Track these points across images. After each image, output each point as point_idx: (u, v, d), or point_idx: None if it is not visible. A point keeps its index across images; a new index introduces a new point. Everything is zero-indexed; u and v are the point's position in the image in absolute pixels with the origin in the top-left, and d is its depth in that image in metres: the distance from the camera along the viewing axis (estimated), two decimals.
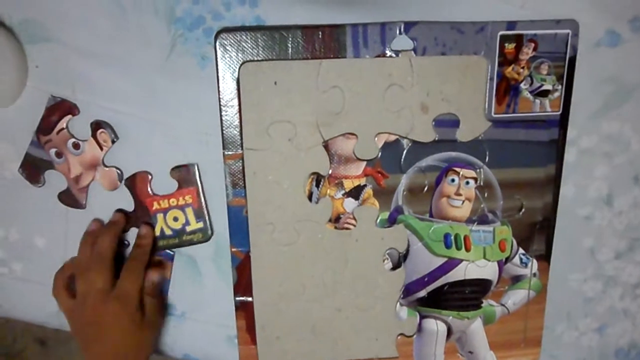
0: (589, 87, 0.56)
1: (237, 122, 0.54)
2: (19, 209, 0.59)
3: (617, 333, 0.66)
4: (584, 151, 0.58)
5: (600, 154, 0.59)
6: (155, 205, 0.58)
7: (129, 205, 0.58)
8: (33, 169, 0.57)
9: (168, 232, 0.58)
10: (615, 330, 0.66)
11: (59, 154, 0.57)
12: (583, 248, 0.62)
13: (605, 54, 0.55)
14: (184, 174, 0.57)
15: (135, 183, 0.57)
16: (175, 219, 0.58)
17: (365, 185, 0.57)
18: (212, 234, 0.59)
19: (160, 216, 0.58)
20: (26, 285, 0.62)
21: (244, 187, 0.56)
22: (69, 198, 0.58)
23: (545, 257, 0.61)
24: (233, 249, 0.58)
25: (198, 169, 0.57)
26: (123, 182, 0.57)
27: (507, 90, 0.55)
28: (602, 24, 0.54)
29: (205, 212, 0.58)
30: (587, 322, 0.65)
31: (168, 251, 0.60)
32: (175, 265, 0.61)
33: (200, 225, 0.58)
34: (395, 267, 0.59)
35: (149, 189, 0.57)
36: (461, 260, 0.59)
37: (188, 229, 0.58)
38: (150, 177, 0.57)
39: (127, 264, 0.57)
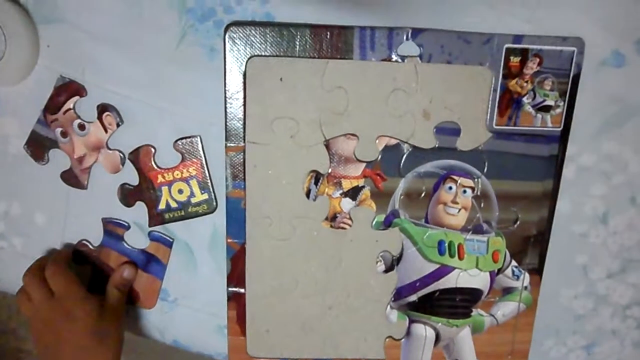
0: (592, 106, 0.57)
1: (241, 115, 0.55)
2: (21, 184, 0.60)
3: (605, 352, 0.66)
4: (582, 168, 0.59)
5: (598, 173, 0.59)
6: (160, 179, 0.58)
7: (133, 179, 0.59)
8: (38, 146, 0.58)
9: (174, 204, 0.59)
10: (603, 349, 0.66)
11: (64, 134, 0.57)
12: (576, 265, 0.62)
13: (609, 73, 0.56)
14: (187, 146, 0.57)
15: (139, 157, 0.58)
16: (180, 192, 0.59)
17: (363, 187, 0.58)
18: (216, 205, 0.59)
19: (165, 189, 0.59)
20: (25, 261, 0.62)
21: (244, 179, 0.57)
22: (71, 178, 0.59)
23: (537, 271, 0.61)
24: (229, 240, 0.59)
25: (201, 141, 0.57)
26: (127, 157, 0.58)
27: (509, 103, 0.55)
28: (608, 44, 0.55)
29: (210, 184, 0.58)
30: (576, 339, 0.65)
31: (167, 237, 0.61)
32: (172, 252, 0.61)
33: (205, 196, 0.59)
34: (388, 269, 0.60)
35: (152, 163, 0.58)
36: (454, 268, 0.60)
37: (193, 200, 0.59)
38: (153, 150, 0.58)
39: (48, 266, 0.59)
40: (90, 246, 0.61)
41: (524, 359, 0.64)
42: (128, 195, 0.59)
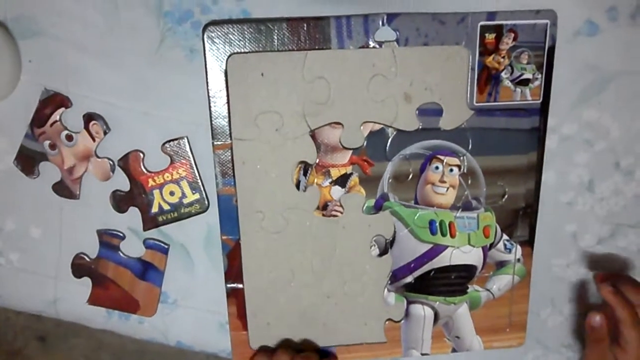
0: (569, 76, 0.58)
1: (225, 113, 0.56)
2: (14, 200, 0.61)
3: None
4: (564, 138, 0.60)
5: (580, 141, 0.60)
6: (151, 182, 0.59)
7: (124, 185, 0.59)
8: (27, 160, 0.59)
9: (166, 207, 0.60)
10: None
11: (52, 146, 0.58)
12: (566, 234, 0.64)
13: (583, 43, 0.57)
14: (175, 148, 0.58)
15: (128, 163, 0.59)
16: (172, 193, 0.59)
17: (351, 174, 0.58)
18: (208, 204, 0.60)
19: (156, 192, 0.59)
20: (23, 275, 0.63)
21: (233, 176, 0.57)
22: (63, 189, 0.60)
23: (528, 243, 0.62)
24: (223, 237, 0.59)
25: (188, 142, 0.58)
26: (117, 163, 0.59)
27: (488, 79, 0.56)
28: (580, 14, 0.56)
29: (200, 184, 0.59)
30: (572, 307, 0.67)
31: (162, 244, 0.61)
32: (168, 255, 0.62)
33: (197, 196, 0.59)
34: (382, 253, 0.61)
35: (142, 167, 0.59)
36: (446, 247, 0.61)
37: (185, 201, 0.60)
38: (142, 155, 0.58)
39: None
40: (87, 258, 0.62)
41: (522, 331, 0.65)
42: (120, 202, 0.60)
